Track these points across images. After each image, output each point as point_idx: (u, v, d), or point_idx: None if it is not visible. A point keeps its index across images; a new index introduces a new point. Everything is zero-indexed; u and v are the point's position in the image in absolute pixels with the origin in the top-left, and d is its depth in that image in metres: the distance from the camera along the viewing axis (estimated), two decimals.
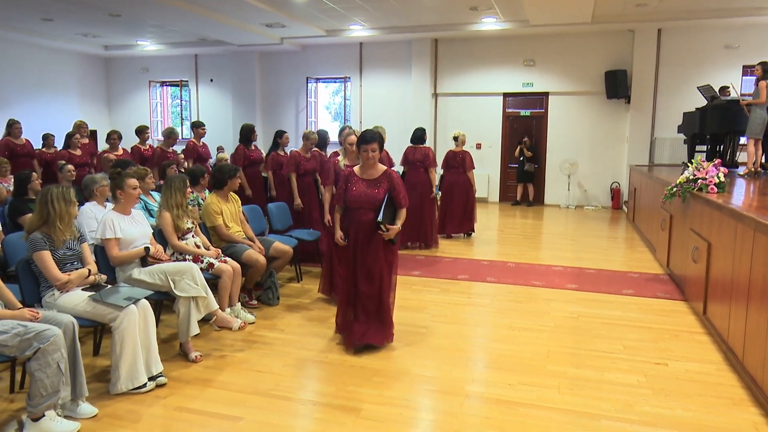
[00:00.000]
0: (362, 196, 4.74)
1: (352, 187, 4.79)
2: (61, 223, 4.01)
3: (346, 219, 4.90)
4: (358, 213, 4.78)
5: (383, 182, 4.78)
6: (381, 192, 4.74)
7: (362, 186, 4.77)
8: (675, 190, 6.48)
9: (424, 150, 9.27)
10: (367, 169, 4.82)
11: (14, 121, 9.55)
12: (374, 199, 4.71)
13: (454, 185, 10.06)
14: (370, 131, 4.80)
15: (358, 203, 4.76)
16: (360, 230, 4.77)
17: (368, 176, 4.81)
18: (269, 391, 4.05)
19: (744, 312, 4.28)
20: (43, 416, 3.40)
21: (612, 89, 14.01)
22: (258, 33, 14.60)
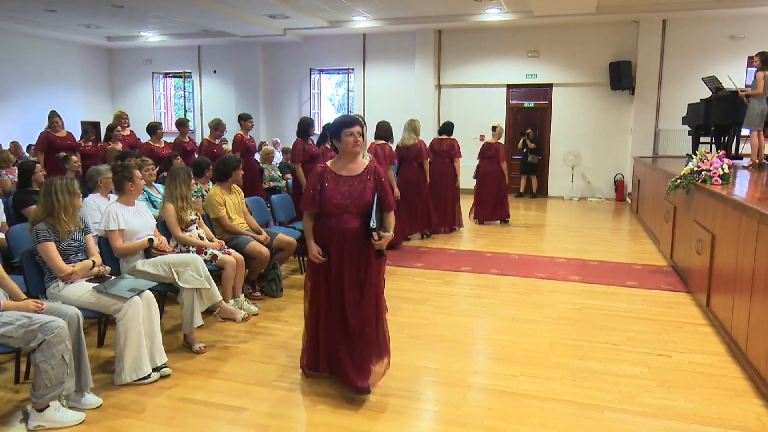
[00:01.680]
0: (345, 198, 3.74)
1: (330, 187, 3.76)
2: (66, 214, 4.02)
3: (323, 229, 3.81)
4: (340, 220, 3.76)
5: (368, 179, 3.81)
6: (368, 192, 3.78)
7: (343, 185, 3.76)
8: (679, 182, 6.47)
9: (451, 141, 9.79)
10: (347, 162, 3.81)
11: (54, 113, 9.12)
12: (361, 201, 3.75)
13: (488, 174, 10.54)
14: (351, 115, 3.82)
15: (340, 207, 3.74)
16: (345, 241, 3.75)
17: (348, 172, 3.80)
18: (273, 382, 4.06)
19: (747, 304, 4.27)
20: (47, 407, 3.42)
21: (616, 80, 13.96)
22: (261, 24, 14.57)
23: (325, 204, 3.75)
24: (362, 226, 3.72)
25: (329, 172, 3.80)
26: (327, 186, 3.76)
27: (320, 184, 3.78)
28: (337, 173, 3.80)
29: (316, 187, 3.78)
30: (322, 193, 3.76)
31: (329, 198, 3.74)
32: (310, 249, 3.80)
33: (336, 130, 3.75)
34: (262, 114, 16.97)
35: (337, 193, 3.74)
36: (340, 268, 3.78)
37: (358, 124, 3.73)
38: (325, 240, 3.80)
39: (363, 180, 3.80)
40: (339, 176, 3.80)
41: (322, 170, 3.81)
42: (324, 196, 3.76)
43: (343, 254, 3.76)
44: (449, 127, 9.90)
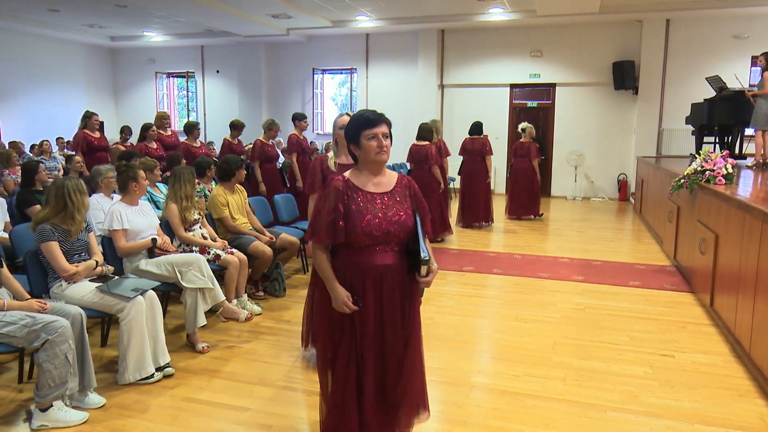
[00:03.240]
0: (382, 225, 2.70)
1: (358, 210, 2.70)
2: (79, 214, 4.04)
3: (347, 268, 2.75)
4: (373, 254, 2.74)
5: (406, 196, 2.84)
6: (405, 213, 2.78)
7: (376, 206, 2.73)
8: (682, 182, 6.45)
9: (482, 140, 10.20)
10: (372, 175, 2.80)
11: (91, 114, 8.98)
12: (401, 228, 2.74)
13: (521, 173, 11.13)
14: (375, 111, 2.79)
15: (376, 237, 2.71)
16: (384, 283, 2.75)
17: (377, 187, 2.79)
18: (276, 382, 4.06)
19: (751, 304, 4.26)
20: (51, 406, 3.43)
21: (619, 80, 13.93)
22: (264, 24, 14.58)
23: (355, 234, 2.68)
24: (403, 259, 2.79)
25: (353, 188, 2.75)
26: (354, 208, 2.70)
27: (343, 204, 2.70)
28: (364, 189, 2.76)
29: (338, 210, 2.68)
30: (348, 218, 2.69)
31: (360, 225, 2.67)
32: (335, 296, 2.71)
33: (354, 131, 2.74)
34: (264, 114, 16.97)
35: (372, 218, 2.69)
36: (379, 319, 2.77)
37: (383, 123, 2.73)
38: (351, 282, 2.74)
39: (398, 198, 2.80)
40: (367, 193, 2.76)
41: (342, 185, 2.72)
42: (352, 223, 2.68)
43: (382, 300, 2.76)
44: (479, 127, 10.28)
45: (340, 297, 2.69)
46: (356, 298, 2.71)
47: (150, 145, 8.58)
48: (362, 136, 2.70)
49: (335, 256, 2.77)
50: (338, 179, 2.76)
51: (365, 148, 2.71)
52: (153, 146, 8.59)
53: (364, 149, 2.72)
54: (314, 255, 2.78)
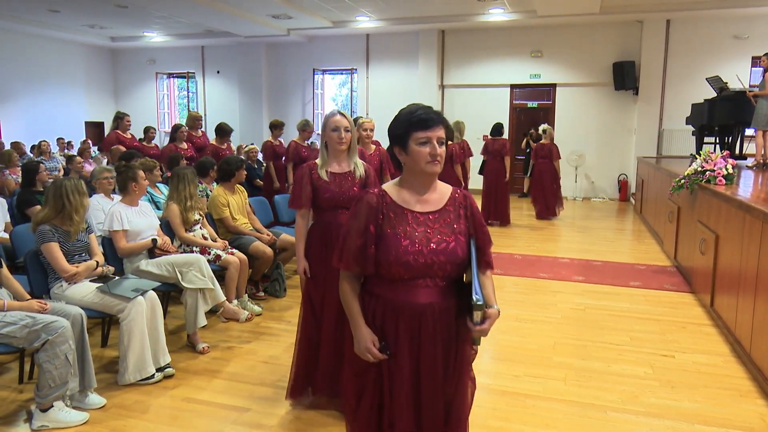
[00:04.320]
0: (425, 254, 2.10)
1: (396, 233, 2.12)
2: (77, 215, 4.04)
3: (376, 306, 2.19)
4: (411, 290, 2.14)
5: (458, 215, 2.21)
6: (457, 240, 2.15)
7: (419, 228, 2.13)
8: (683, 182, 6.45)
9: (502, 141, 10.66)
10: (420, 189, 2.20)
11: (123, 114, 8.89)
12: (451, 258, 2.13)
13: (543, 174, 11.38)
14: (430, 108, 2.17)
15: (417, 269, 2.11)
16: (423, 326, 2.15)
17: (424, 205, 2.19)
18: (276, 383, 4.06)
19: (751, 304, 4.26)
20: (51, 407, 3.43)
21: (620, 80, 13.94)
22: (264, 24, 14.59)
23: (387, 263, 2.08)
24: (450, 297, 2.16)
25: (391, 205, 2.15)
26: (388, 231, 2.10)
27: (376, 225, 2.12)
28: (405, 207, 2.16)
29: (369, 233, 2.11)
30: (381, 243, 2.10)
31: (394, 253, 2.07)
32: (357, 338, 2.17)
33: (402, 132, 2.13)
34: (265, 114, 16.98)
35: (411, 245, 2.08)
36: (414, 372, 2.17)
37: (439, 126, 2.12)
38: (382, 324, 2.17)
39: (449, 219, 2.16)
40: (407, 212, 2.15)
41: (376, 201, 2.15)
42: (384, 250, 2.09)
43: (419, 349, 2.16)
44: (501, 128, 10.73)
45: (364, 341, 2.14)
46: (385, 344, 2.14)
47: (180, 145, 8.41)
48: (412, 139, 2.10)
49: (364, 288, 2.23)
50: (373, 192, 2.18)
51: (414, 155, 2.11)
52: (183, 147, 8.40)
53: (412, 156, 2.12)
54: (340, 284, 2.24)
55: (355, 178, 3.55)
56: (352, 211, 2.22)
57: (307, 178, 3.53)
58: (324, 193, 3.49)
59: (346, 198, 3.48)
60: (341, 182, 3.52)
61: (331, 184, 3.50)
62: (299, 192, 3.53)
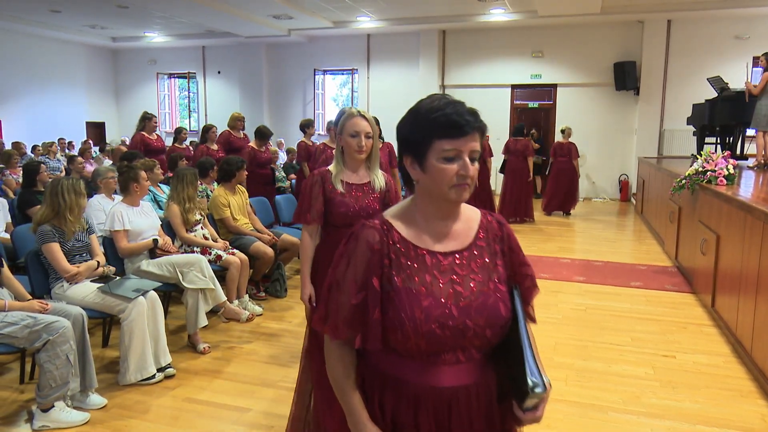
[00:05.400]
0: (454, 314, 1.46)
1: (409, 289, 1.47)
2: (71, 214, 4.03)
3: (384, 384, 1.54)
4: (435, 368, 1.49)
5: (493, 253, 1.58)
6: (495, 290, 1.52)
7: (443, 277, 1.50)
8: (684, 182, 6.45)
9: (525, 141, 10.98)
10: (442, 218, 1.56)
11: (150, 115, 8.71)
12: (489, 317, 1.49)
13: (561, 172, 11.64)
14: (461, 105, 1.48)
15: (441, 338, 1.46)
16: (453, 417, 1.51)
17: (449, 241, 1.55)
18: (277, 383, 4.06)
19: (753, 304, 4.26)
20: (52, 407, 3.43)
21: (621, 81, 13.93)
22: (265, 24, 14.59)
23: (403, 333, 1.45)
24: (489, 373, 1.57)
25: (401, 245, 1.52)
26: (400, 285, 1.48)
27: (381, 277, 1.50)
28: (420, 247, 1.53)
29: (372, 288, 1.50)
30: (391, 304, 1.48)
31: (413, 317, 1.45)
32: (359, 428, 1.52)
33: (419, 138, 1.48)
34: (266, 115, 16.99)
35: (435, 304, 1.46)
36: None
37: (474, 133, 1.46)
38: (394, 415, 1.54)
39: (482, 262, 1.55)
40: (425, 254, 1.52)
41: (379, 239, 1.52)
42: (397, 314, 1.46)
43: None
44: (522, 129, 11.16)
45: None
46: None
47: (211, 147, 8.31)
48: (434, 151, 1.44)
49: (365, 362, 1.58)
50: (373, 226, 1.53)
51: (435, 174, 1.45)
52: (214, 148, 8.26)
53: (431, 174, 1.46)
54: (327, 361, 1.60)
55: (374, 190, 3.02)
56: (341, 252, 1.56)
57: (319, 188, 2.98)
58: (338, 207, 2.94)
59: (365, 214, 2.92)
60: (359, 195, 2.99)
61: (347, 197, 2.96)
62: (308, 204, 2.97)
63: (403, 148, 1.54)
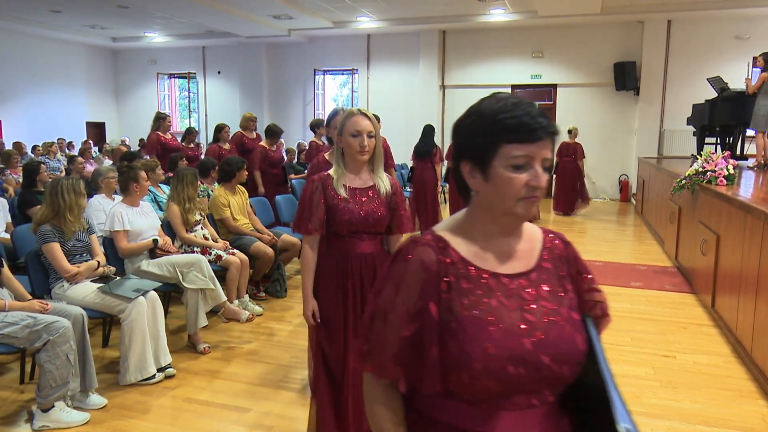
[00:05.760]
0: (536, 350, 1.22)
1: (476, 318, 1.22)
2: (71, 214, 4.04)
3: None
4: (502, 414, 1.23)
5: (560, 276, 1.37)
6: (569, 320, 1.31)
7: (512, 300, 1.27)
8: (684, 183, 6.45)
9: None
10: (504, 234, 1.34)
11: (165, 115, 8.76)
12: (567, 356, 1.26)
13: (567, 171, 11.80)
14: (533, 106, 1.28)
15: (516, 379, 1.20)
16: None
17: (511, 261, 1.33)
18: (277, 383, 4.06)
19: (753, 304, 4.26)
20: (52, 407, 3.43)
21: (621, 81, 13.93)
22: (265, 24, 14.59)
23: (471, 373, 1.20)
24: (562, 421, 1.33)
25: (461, 267, 1.29)
26: (466, 313, 1.24)
27: (437, 300, 1.25)
28: (483, 267, 1.30)
29: (427, 314, 1.25)
30: (454, 336, 1.23)
31: (484, 353, 1.19)
32: None
33: (485, 141, 1.27)
34: (266, 115, 16.98)
35: (505, 335, 1.22)
36: None
37: (547, 139, 1.26)
38: None
39: (552, 288, 1.33)
40: (490, 276, 1.29)
41: (436, 259, 1.28)
42: (461, 350, 1.21)
43: None
44: None
45: None
46: None
47: (223, 146, 8.27)
48: (501, 157, 1.25)
49: (412, 407, 1.34)
50: (426, 242, 1.31)
51: (501, 184, 1.25)
52: (226, 147, 8.24)
53: (496, 184, 1.26)
54: (370, 402, 1.35)
55: (380, 195, 2.80)
56: (386, 274, 1.34)
57: (320, 194, 2.75)
58: (342, 214, 2.72)
59: (371, 221, 2.75)
60: (363, 200, 2.77)
61: (351, 203, 2.74)
62: (309, 212, 2.75)
63: (462, 153, 1.34)
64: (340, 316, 2.75)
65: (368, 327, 1.32)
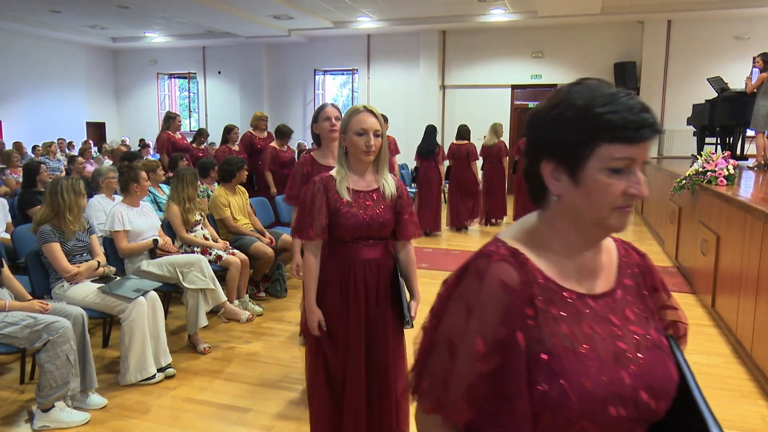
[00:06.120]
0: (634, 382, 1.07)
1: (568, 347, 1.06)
2: (71, 214, 4.04)
3: None
4: None
5: (640, 289, 1.22)
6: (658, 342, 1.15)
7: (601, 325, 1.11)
8: (684, 183, 6.45)
9: None
10: (587, 246, 1.17)
11: (174, 115, 8.78)
12: (664, 381, 1.11)
13: None
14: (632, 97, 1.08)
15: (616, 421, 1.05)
16: None
17: (593, 281, 1.16)
18: (277, 383, 4.06)
19: (753, 304, 4.26)
20: (52, 407, 3.43)
21: (621, 81, 13.91)
22: (265, 25, 14.59)
23: (569, 415, 1.03)
24: None
25: (549, 288, 1.11)
26: (559, 344, 1.06)
27: (523, 330, 1.06)
28: (568, 287, 1.12)
29: (515, 346, 1.05)
30: (546, 371, 1.05)
31: (582, 391, 1.03)
32: None
33: (579, 137, 1.08)
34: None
35: (601, 368, 1.06)
36: None
37: (655, 133, 1.07)
38: None
39: (639, 305, 1.19)
40: (576, 298, 1.11)
41: (519, 275, 1.09)
42: (557, 388, 1.03)
43: None
44: None
45: None
46: None
47: (233, 147, 8.24)
48: (597, 158, 1.07)
49: None
50: (503, 258, 1.12)
51: (595, 190, 1.08)
52: (235, 149, 8.21)
53: (588, 189, 1.09)
54: None
55: (385, 198, 2.66)
56: (450, 294, 1.14)
57: (322, 197, 2.59)
58: (346, 218, 2.57)
59: (375, 225, 2.61)
60: (367, 203, 2.62)
61: (355, 207, 2.59)
62: (310, 217, 2.58)
63: (544, 150, 1.13)
64: (343, 327, 2.62)
65: (426, 358, 1.13)
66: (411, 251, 2.82)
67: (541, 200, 1.18)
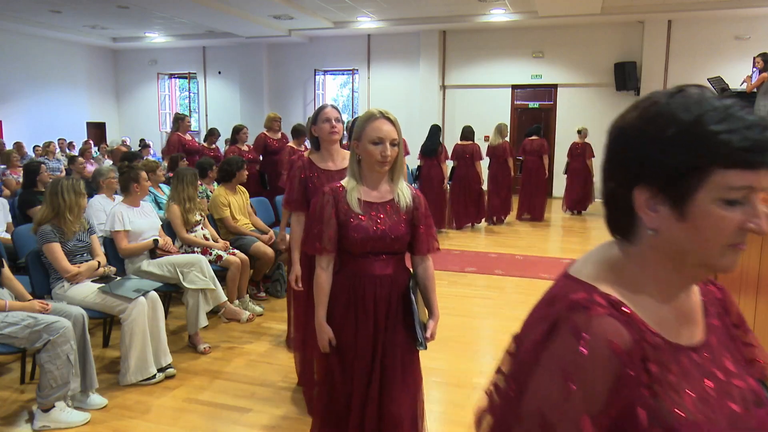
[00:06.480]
0: None
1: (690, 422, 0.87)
2: (71, 214, 4.04)
3: None
4: None
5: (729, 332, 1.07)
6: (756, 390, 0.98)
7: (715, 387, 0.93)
8: None
9: (540, 141, 11.32)
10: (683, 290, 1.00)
11: (183, 115, 8.74)
12: None
13: (575, 171, 12.10)
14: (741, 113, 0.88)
15: None
16: None
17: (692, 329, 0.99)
18: (277, 383, 4.07)
19: (753, 304, 4.26)
20: (53, 407, 3.43)
21: (621, 81, 13.92)
22: (266, 25, 14.58)
23: None
24: None
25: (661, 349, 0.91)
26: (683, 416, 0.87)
27: (644, 404, 0.86)
28: (675, 342, 0.93)
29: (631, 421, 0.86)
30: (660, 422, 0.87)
31: None
32: None
33: (687, 158, 0.89)
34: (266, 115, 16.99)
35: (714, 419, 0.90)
36: None
37: None
38: None
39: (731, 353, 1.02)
40: (684, 355, 0.93)
41: (631, 337, 0.88)
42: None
43: None
44: (538, 129, 11.54)
45: None
46: None
47: (242, 147, 8.20)
48: (711, 187, 0.88)
49: None
50: (608, 311, 0.90)
51: (705, 224, 0.90)
52: (245, 149, 8.19)
53: (699, 224, 0.90)
54: None
55: (400, 210, 2.50)
56: (540, 358, 0.91)
57: (331, 209, 2.46)
58: (354, 231, 2.43)
59: (388, 240, 2.46)
60: (380, 217, 2.47)
61: (365, 220, 2.44)
62: (319, 230, 2.45)
63: (639, 173, 0.94)
64: (350, 341, 2.50)
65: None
66: (430, 266, 2.62)
67: (626, 232, 1.01)
